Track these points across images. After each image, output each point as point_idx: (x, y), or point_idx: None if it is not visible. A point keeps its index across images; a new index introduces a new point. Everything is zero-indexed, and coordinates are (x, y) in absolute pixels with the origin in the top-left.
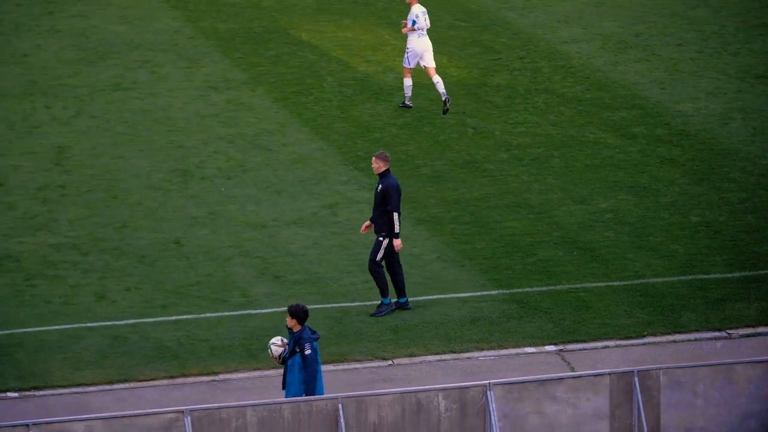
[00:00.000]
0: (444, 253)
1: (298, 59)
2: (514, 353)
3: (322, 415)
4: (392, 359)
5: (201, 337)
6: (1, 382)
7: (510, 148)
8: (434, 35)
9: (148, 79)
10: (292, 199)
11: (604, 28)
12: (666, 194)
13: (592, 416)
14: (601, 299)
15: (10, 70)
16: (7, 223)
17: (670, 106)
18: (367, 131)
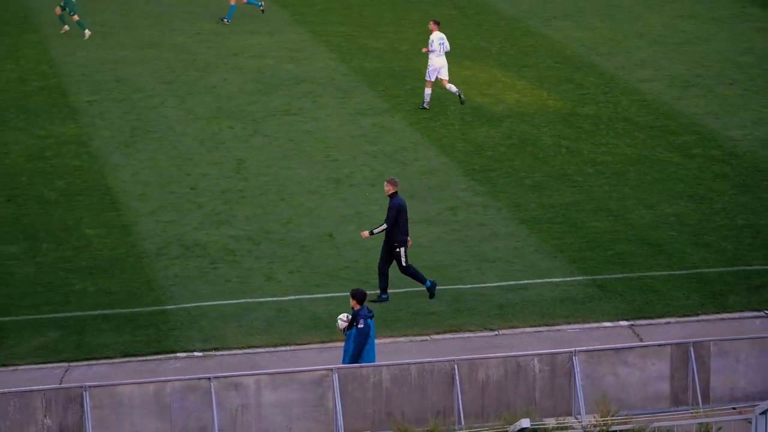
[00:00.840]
0: (540, 246)
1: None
2: (595, 327)
3: (441, 373)
4: (498, 330)
5: (348, 310)
6: (189, 344)
7: (595, 164)
8: (536, 74)
9: (310, 107)
10: (421, 202)
11: (672, 70)
12: (718, 202)
13: (656, 378)
14: (664, 285)
15: (202, 98)
16: (197, 219)
17: (723, 132)
18: (482, 150)
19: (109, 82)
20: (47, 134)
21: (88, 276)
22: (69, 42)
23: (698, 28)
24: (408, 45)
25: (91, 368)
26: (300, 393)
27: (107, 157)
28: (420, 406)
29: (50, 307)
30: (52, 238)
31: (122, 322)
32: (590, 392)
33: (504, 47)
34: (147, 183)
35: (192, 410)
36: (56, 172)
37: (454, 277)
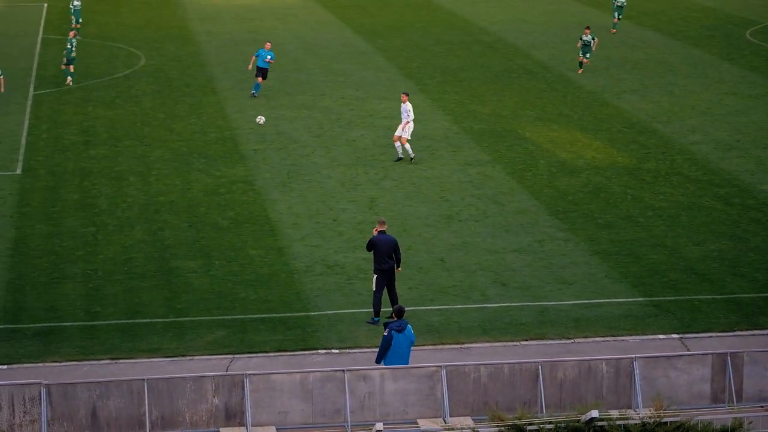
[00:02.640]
0: (609, 273)
1: (523, 149)
2: (651, 338)
3: (528, 372)
4: (574, 339)
5: (454, 320)
6: (329, 343)
7: (654, 209)
8: (608, 136)
9: (429, 158)
10: (515, 235)
11: (717, 135)
12: (752, 241)
13: (699, 380)
14: (708, 306)
15: (344, 149)
16: (337, 244)
17: (757, 186)
18: (564, 195)
19: (271, 134)
20: (221, 175)
21: (250, 287)
22: (241, 102)
23: (738, 103)
24: (508, 111)
25: (251, 360)
26: (415, 384)
27: (268, 194)
28: (510, 398)
29: (220, 311)
30: (223, 257)
31: (276, 324)
32: (647, 390)
33: (584, 114)
34: (299, 215)
35: (329, 396)
36: (228, 204)
37: (540, 296)
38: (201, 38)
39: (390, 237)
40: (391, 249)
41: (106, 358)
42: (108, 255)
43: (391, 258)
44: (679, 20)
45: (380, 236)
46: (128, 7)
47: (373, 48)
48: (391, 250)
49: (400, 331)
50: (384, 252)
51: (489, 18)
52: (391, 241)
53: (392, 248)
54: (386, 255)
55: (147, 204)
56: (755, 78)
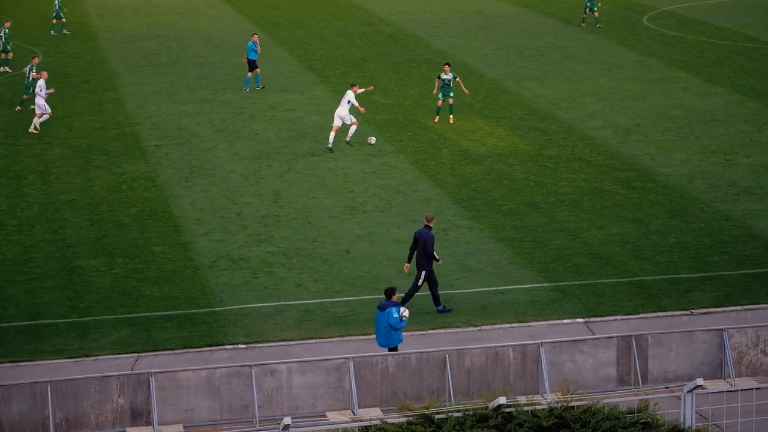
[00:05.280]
0: (514, 260)
1: (426, 138)
2: (557, 323)
3: (435, 361)
4: (480, 326)
5: (360, 311)
6: (235, 338)
7: (556, 195)
8: (510, 123)
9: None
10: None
11: (617, 120)
12: (654, 224)
13: (605, 363)
14: (612, 290)
15: (247, 143)
16: (242, 238)
17: (657, 169)
18: (467, 183)
19: (173, 130)
20: (123, 171)
21: (154, 284)
22: (142, 98)
23: (637, 88)
24: (410, 101)
25: (156, 358)
26: (323, 377)
27: (171, 190)
28: (418, 387)
29: (124, 309)
30: (126, 254)
31: (182, 320)
32: (553, 375)
33: (486, 102)
34: (202, 210)
35: (236, 391)
36: (130, 201)
37: (446, 284)
38: (101, 34)
39: (420, 231)
40: (418, 243)
41: (7, 361)
42: (8, 255)
43: (421, 252)
44: (577, 6)
45: (419, 231)
46: (27, 5)
47: (274, 40)
48: (419, 244)
49: (381, 309)
50: (417, 247)
51: (389, 9)
52: (417, 235)
53: (419, 243)
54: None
55: (47, 203)
56: (653, 63)
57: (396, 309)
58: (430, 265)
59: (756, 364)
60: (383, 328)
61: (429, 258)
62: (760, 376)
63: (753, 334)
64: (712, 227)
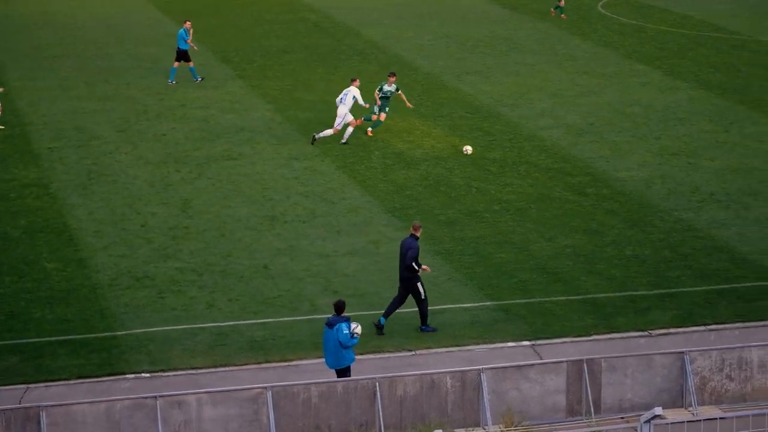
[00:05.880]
0: (453, 275)
1: (355, 139)
2: (500, 347)
3: (364, 389)
4: (415, 350)
5: (280, 335)
6: (138, 366)
7: (501, 202)
8: (449, 122)
9: (249, 152)
10: (347, 236)
11: (568, 119)
12: (608, 235)
13: (553, 391)
14: (561, 308)
15: (152, 145)
16: (146, 253)
17: (613, 173)
18: (401, 189)
19: (69, 130)
20: (11, 177)
21: (46, 305)
22: (33, 94)
23: (591, 82)
24: (335, 97)
25: (48, 389)
26: (237, 409)
27: (66, 198)
28: (345, 420)
29: (11, 334)
30: (14, 271)
31: (77, 347)
32: (496, 405)
33: (422, 99)
34: (101, 221)
35: (139, 426)
36: (19, 211)
37: (376, 304)
38: None
39: (404, 240)
40: (401, 253)
41: None
42: None
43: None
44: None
45: (404, 241)
46: None
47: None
48: (401, 254)
49: (330, 326)
50: (401, 256)
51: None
52: (401, 244)
53: (401, 252)
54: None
55: None
56: (608, 54)
57: (346, 324)
58: (416, 275)
59: (721, 391)
60: (332, 346)
61: (411, 269)
62: (725, 404)
63: (717, 358)
64: (673, 238)
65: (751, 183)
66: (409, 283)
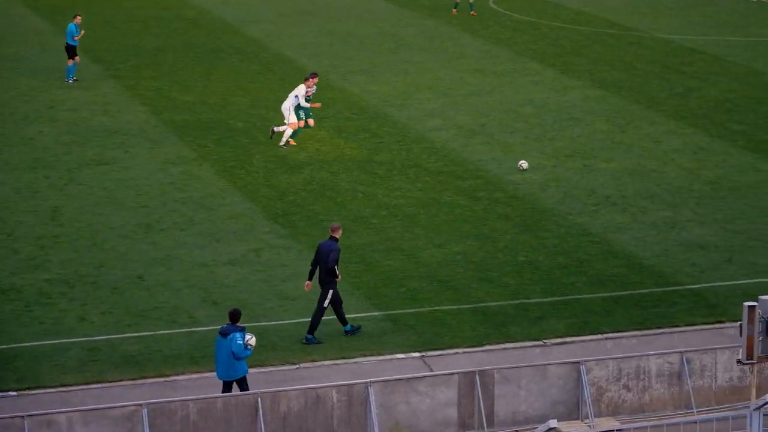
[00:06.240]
0: (339, 285)
1: (235, 142)
2: (389, 358)
3: (245, 406)
4: (299, 363)
5: (156, 349)
6: (4, 383)
7: (389, 207)
8: (334, 124)
9: (122, 157)
10: (227, 245)
11: (458, 120)
12: (501, 240)
13: (444, 404)
14: (453, 318)
15: (19, 149)
16: (13, 264)
17: (505, 176)
18: (284, 195)
19: None
20: None
21: None
22: None
23: (482, 81)
24: (216, 98)
25: None
26: (111, 428)
27: None
28: None
29: None
30: None
31: None
32: (384, 420)
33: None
34: None
35: None
36: None
37: (258, 315)
38: None
39: (323, 243)
40: (320, 256)
41: None
42: None
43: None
44: None
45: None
46: None
47: (52, 27)
48: (321, 257)
49: (223, 335)
50: (317, 260)
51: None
52: (320, 247)
53: (321, 257)
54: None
55: None
56: (500, 52)
57: (241, 335)
58: (335, 282)
59: (618, 402)
60: (224, 356)
61: (333, 273)
62: (622, 415)
63: (615, 367)
64: (568, 243)
65: (648, 186)
66: (326, 287)
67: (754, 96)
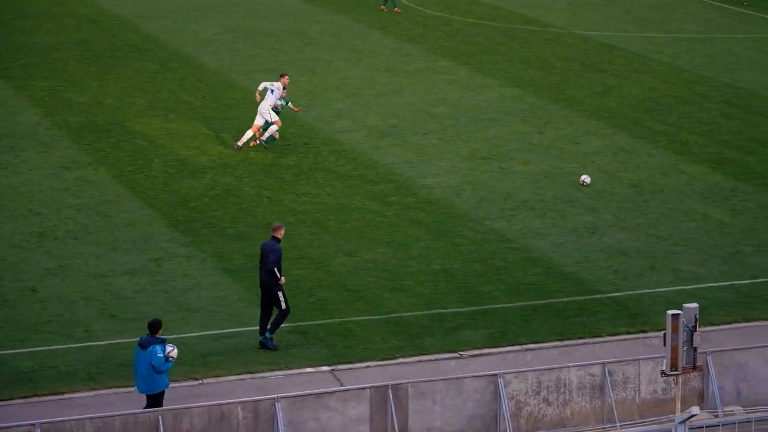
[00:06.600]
0: (244, 295)
1: (133, 145)
2: (297, 373)
3: (146, 424)
4: (202, 379)
5: (51, 365)
6: None
7: (296, 213)
8: (238, 125)
9: (12, 161)
10: (125, 254)
11: (369, 121)
12: (414, 248)
13: (356, 421)
14: (364, 329)
15: None
16: None
17: (418, 180)
18: (186, 201)
19: None
20: None
21: None
22: None
23: (393, 81)
24: (112, 99)
25: None
26: None
27: None
28: None
29: None
30: None
31: None
32: None
33: (207, 100)
34: None
35: None
36: None
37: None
38: None
39: (266, 243)
40: (262, 258)
41: None
42: None
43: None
44: None
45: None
46: None
47: None
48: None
49: (143, 347)
50: (262, 261)
51: None
52: (263, 248)
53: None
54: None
55: None
56: (412, 49)
57: (161, 347)
58: (279, 284)
59: (537, 416)
60: (144, 370)
61: (273, 276)
62: (542, 430)
63: (534, 380)
64: (485, 250)
65: (568, 189)
66: (271, 290)
67: (677, 94)
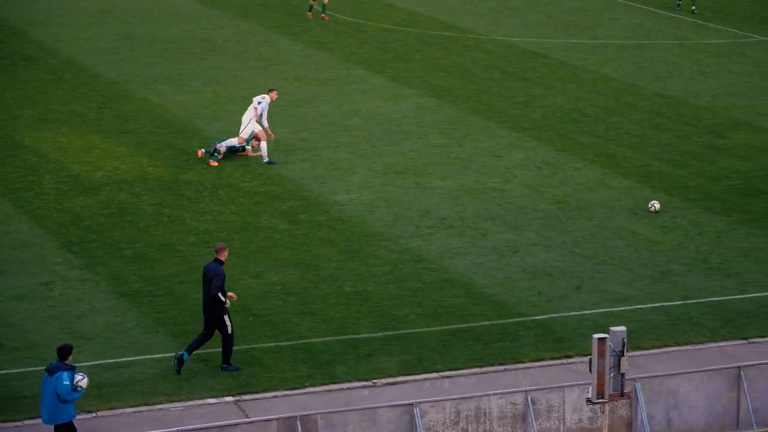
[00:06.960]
0: (142, 321)
1: (21, 161)
2: (199, 404)
3: None
4: (96, 412)
5: None
6: None
7: (198, 233)
8: (136, 139)
9: None
10: (13, 277)
11: (276, 134)
12: (325, 269)
13: None
14: (271, 357)
15: None
16: None
17: (330, 197)
18: (79, 220)
19: None
20: None
21: None
22: None
23: (303, 90)
24: (0, 110)
25: None
26: None
27: None
28: None
29: None
30: None
31: None
32: None
33: (102, 112)
34: None
35: None
36: None
37: (46, 358)
38: None
39: (208, 265)
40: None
41: None
42: None
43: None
44: None
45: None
46: None
47: None
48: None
49: (50, 373)
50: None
51: None
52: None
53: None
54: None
55: None
56: (323, 57)
57: (69, 374)
58: (225, 308)
59: None
60: (49, 398)
61: (218, 300)
62: None
63: (452, 409)
64: (400, 271)
65: (489, 205)
66: (215, 314)
67: (604, 105)
